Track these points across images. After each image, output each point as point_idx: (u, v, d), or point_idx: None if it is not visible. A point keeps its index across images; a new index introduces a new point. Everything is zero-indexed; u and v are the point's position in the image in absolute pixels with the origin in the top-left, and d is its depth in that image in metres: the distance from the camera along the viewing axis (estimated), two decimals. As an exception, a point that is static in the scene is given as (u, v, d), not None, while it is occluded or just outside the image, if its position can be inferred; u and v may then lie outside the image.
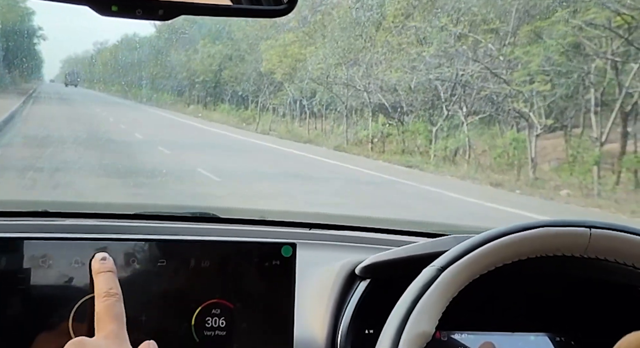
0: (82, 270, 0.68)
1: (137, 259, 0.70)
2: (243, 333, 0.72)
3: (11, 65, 7.30)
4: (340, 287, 0.82)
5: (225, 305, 0.72)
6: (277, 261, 0.74)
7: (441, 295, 0.66)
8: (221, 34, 9.28)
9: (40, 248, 0.69)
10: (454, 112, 7.92)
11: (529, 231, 0.68)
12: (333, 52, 8.43)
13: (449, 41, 7.89)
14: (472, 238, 0.69)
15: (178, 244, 0.72)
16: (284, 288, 0.74)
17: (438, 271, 0.67)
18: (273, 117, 8.91)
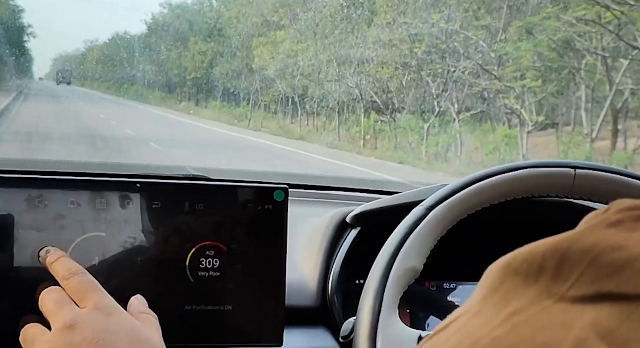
0: (78, 210, 0.69)
1: (132, 201, 0.71)
2: (237, 274, 0.73)
3: (0, 63, 7.26)
4: (331, 234, 0.83)
5: (219, 247, 0.73)
6: (269, 205, 0.75)
7: (430, 232, 0.68)
8: (212, 31, 9.27)
9: (37, 188, 0.69)
10: (446, 108, 7.95)
11: (515, 172, 0.70)
12: (324, 48, 8.45)
13: (440, 38, 7.92)
14: (461, 179, 0.70)
15: (172, 187, 0.73)
16: (276, 232, 0.75)
17: (427, 210, 0.69)
18: (265, 114, 8.92)
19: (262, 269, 0.74)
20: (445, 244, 0.71)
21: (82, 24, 10.01)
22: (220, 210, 0.73)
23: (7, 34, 7.21)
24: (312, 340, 0.79)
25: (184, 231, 0.72)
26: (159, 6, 9.38)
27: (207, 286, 0.73)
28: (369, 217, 0.83)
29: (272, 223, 0.75)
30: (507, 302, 0.30)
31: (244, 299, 0.74)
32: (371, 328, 0.62)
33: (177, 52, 9.25)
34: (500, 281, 0.31)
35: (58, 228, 0.69)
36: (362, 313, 0.63)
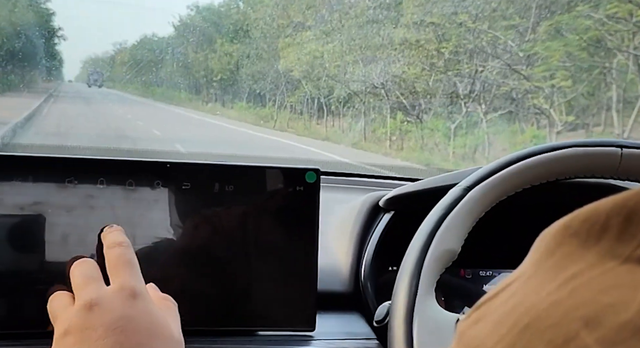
0: (108, 191, 0.68)
1: (161, 182, 0.70)
2: (268, 256, 0.72)
3: (32, 65, 7.38)
4: (364, 218, 0.81)
5: (249, 228, 0.72)
6: (300, 187, 0.73)
7: (467, 213, 0.65)
8: (239, 32, 9.31)
9: (67, 168, 0.69)
10: (473, 109, 7.88)
11: (557, 151, 0.67)
12: (350, 49, 8.43)
13: (467, 38, 7.85)
14: (500, 159, 0.68)
15: (202, 168, 0.72)
16: (308, 214, 0.73)
17: (465, 190, 0.66)
18: (290, 115, 8.93)
19: (293, 253, 0.73)
20: (482, 230, 0.68)
21: (111, 27, 10.12)
22: (250, 192, 0.72)
23: (38, 37, 7.31)
24: (345, 325, 0.77)
25: (213, 213, 0.70)
26: (187, 8, 9.44)
27: (236, 268, 0.71)
28: (403, 201, 0.81)
29: (303, 206, 0.73)
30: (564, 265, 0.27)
31: (275, 282, 0.72)
32: (407, 312, 0.59)
33: (203, 54, 9.31)
34: (556, 244, 0.28)
35: (87, 209, 0.68)
36: (398, 296, 0.61)
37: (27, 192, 0.66)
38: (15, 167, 0.66)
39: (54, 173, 0.67)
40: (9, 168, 0.65)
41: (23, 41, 6.67)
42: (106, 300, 0.53)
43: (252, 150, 6.97)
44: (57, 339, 0.52)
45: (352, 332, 0.75)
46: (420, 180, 0.97)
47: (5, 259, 0.66)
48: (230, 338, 0.70)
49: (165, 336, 0.54)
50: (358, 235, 0.81)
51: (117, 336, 0.50)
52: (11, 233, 0.66)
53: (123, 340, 0.50)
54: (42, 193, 0.66)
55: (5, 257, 0.65)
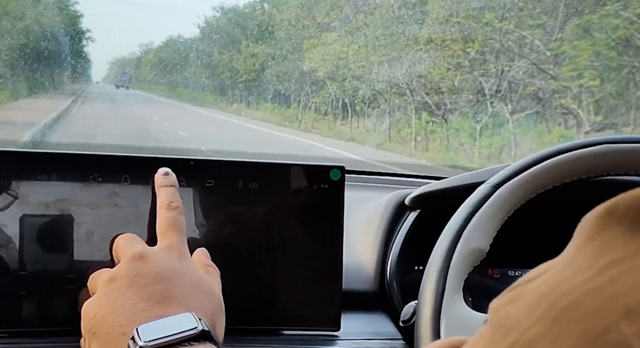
0: (132, 188, 0.68)
1: (185, 179, 0.69)
2: (292, 255, 0.71)
3: (60, 67, 7.48)
4: (389, 217, 0.80)
5: (273, 226, 0.71)
6: (325, 185, 0.72)
7: (496, 211, 0.64)
8: (264, 33, 9.34)
9: (91, 165, 0.69)
10: (499, 109, 7.80)
11: (590, 148, 0.65)
12: (375, 50, 8.41)
13: (494, 37, 7.78)
14: (530, 156, 0.66)
15: (226, 165, 0.71)
16: (333, 212, 0.72)
17: (493, 188, 0.65)
18: (315, 116, 8.93)
19: (318, 251, 0.72)
20: (510, 228, 0.67)
21: (137, 28, 10.24)
22: (274, 190, 0.71)
23: (67, 39, 7.41)
24: (370, 325, 0.76)
25: (238, 211, 0.70)
26: (212, 10, 9.50)
27: (261, 267, 0.70)
28: (429, 199, 0.80)
29: (328, 204, 0.72)
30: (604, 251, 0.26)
31: (300, 282, 0.71)
32: (434, 311, 0.58)
33: (229, 55, 9.36)
34: (597, 229, 0.27)
35: (112, 206, 0.68)
36: (425, 295, 0.60)
37: (51, 189, 0.66)
38: (39, 164, 0.66)
39: (78, 170, 0.67)
40: (33, 165, 0.66)
41: (52, 43, 6.77)
42: (153, 254, 0.54)
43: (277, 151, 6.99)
44: (103, 286, 0.53)
45: (377, 331, 0.74)
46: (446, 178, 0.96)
47: (33, 258, 0.66)
48: (254, 337, 0.69)
49: (209, 294, 0.54)
50: (383, 234, 0.80)
51: (165, 284, 0.51)
52: (39, 232, 0.66)
53: (171, 288, 0.51)
54: (66, 191, 0.66)
55: (33, 255, 0.66)
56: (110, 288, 0.52)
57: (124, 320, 0.49)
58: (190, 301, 0.52)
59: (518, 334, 0.26)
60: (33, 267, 0.66)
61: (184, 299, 0.51)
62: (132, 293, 0.51)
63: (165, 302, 0.50)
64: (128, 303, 0.50)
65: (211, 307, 0.54)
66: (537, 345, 0.25)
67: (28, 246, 0.66)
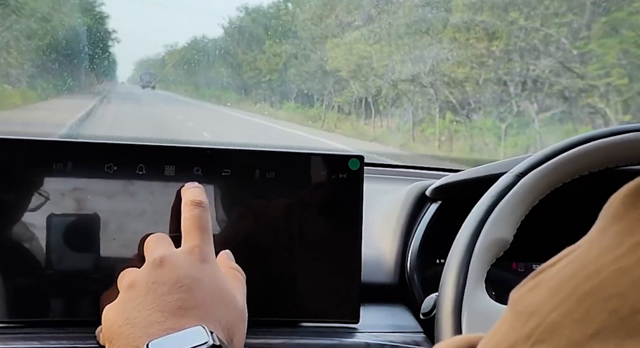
0: (147, 177, 0.67)
1: (201, 168, 0.68)
2: (310, 245, 0.70)
3: (87, 67, 7.55)
4: (410, 208, 0.78)
5: (291, 217, 0.70)
6: (343, 174, 0.71)
7: (520, 201, 0.61)
8: (287, 33, 9.37)
9: (106, 154, 0.68)
10: (524, 108, 7.71)
11: (619, 135, 0.63)
12: (398, 49, 8.37)
13: (519, 35, 7.69)
14: (556, 144, 0.64)
15: (242, 154, 0.70)
16: (351, 203, 0.71)
17: (517, 177, 0.63)
18: (338, 115, 8.92)
19: (336, 242, 0.70)
20: (535, 220, 0.64)
21: (162, 29, 10.32)
22: (291, 179, 0.70)
23: (93, 40, 7.48)
24: (390, 317, 0.74)
25: (254, 200, 0.69)
26: (236, 10, 9.54)
27: (278, 258, 0.69)
28: (451, 190, 0.78)
29: (347, 194, 0.71)
30: (632, 231, 0.25)
31: (318, 273, 0.70)
32: (455, 303, 0.56)
33: (252, 55, 9.39)
34: (625, 209, 0.25)
35: (127, 196, 0.67)
36: (445, 286, 0.58)
37: (65, 178, 0.65)
38: (54, 152, 0.65)
39: (93, 159, 0.66)
40: (48, 153, 0.65)
41: (78, 44, 6.84)
42: (174, 258, 0.53)
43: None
44: (123, 291, 0.53)
45: (397, 324, 0.72)
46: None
47: (59, 257, 0.65)
48: (273, 329, 0.68)
49: (229, 303, 0.53)
50: (404, 226, 0.78)
51: (181, 294, 0.50)
52: (65, 231, 0.65)
53: (187, 298, 0.50)
54: (81, 180, 0.66)
55: (59, 254, 0.65)
56: (129, 295, 0.52)
57: (138, 332, 0.49)
58: (207, 312, 0.51)
59: (540, 318, 0.25)
60: (59, 267, 0.65)
61: (201, 310, 0.51)
62: (149, 302, 0.50)
63: (181, 313, 0.50)
64: (143, 313, 0.49)
65: (230, 318, 0.53)
66: (561, 326, 0.24)
67: (55, 245, 0.65)
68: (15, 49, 6.61)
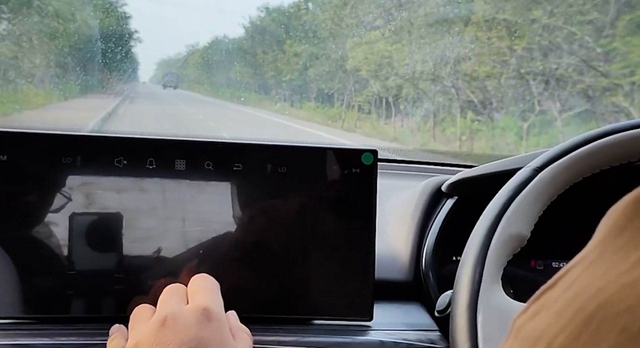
0: (158, 171, 0.67)
1: (212, 163, 0.68)
2: (322, 242, 0.68)
3: (109, 67, 7.62)
4: (425, 204, 0.77)
5: (303, 212, 0.68)
6: (357, 169, 0.70)
7: (538, 196, 0.60)
8: (307, 33, 9.37)
9: (115, 148, 0.67)
10: (547, 107, 7.62)
11: (639, 129, 0.61)
12: (419, 48, 8.32)
13: (542, 34, 7.62)
14: (575, 138, 0.62)
15: (254, 148, 0.69)
16: (365, 198, 0.69)
17: (535, 171, 0.61)
18: (358, 115, 8.90)
19: (349, 237, 0.69)
20: (554, 216, 0.63)
21: (184, 29, 10.38)
22: (304, 174, 0.69)
23: (116, 40, 7.54)
24: (404, 315, 0.73)
25: (266, 195, 0.68)
26: (257, 10, 9.56)
27: (290, 254, 0.68)
28: (467, 185, 0.76)
29: (360, 189, 0.69)
30: (637, 243, 0.23)
31: (331, 269, 0.68)
32: (471, 300, 0.55)
33: (273, 55, 9.41)
34: (627, 220, 0.24)
35: (137, 190, 0.66)
36: (461, 282, 0.56)
37: (75, 172, 0.65)
38: (63, 146, 0.65)
39: (103, 153, 0.65)
40: (57, 147, 0.65)
41: (101, 44, 6.91)
42: (180, 317, 0.52)
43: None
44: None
45: (412, 322, 0.71)
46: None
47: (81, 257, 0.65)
48: (285, 326, 0.67)
49: None
50: (419, 222, 0.76)
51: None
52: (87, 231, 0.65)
53: None
54: (91, 174, 0.65)
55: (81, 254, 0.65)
56: None
57: None
58: None
59: (547, 343, 0.24)
60: (81, 266, 0.65)
61: None
62: None
63: None
64: None
65: None
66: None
67: (77, 245, 0.65)
68: (38, 49, 6.69)
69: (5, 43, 6.82)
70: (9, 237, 0.63)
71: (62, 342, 0.60)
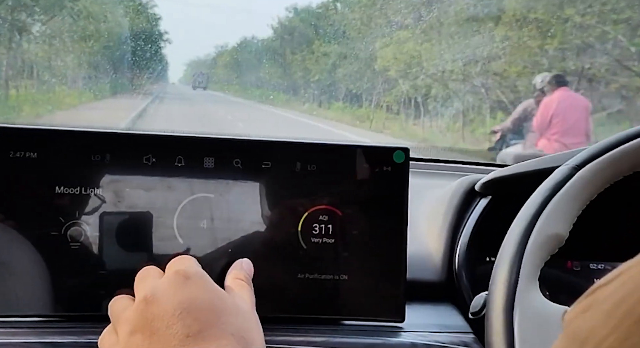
0: (186, 169, 0.66)
1: (241, 161, 0.67)
2: (352, 241, 0.67)
3: (139, 68, 7.71)
4: (458, 203, 0.75)
5: (333, 211, 0.67)
6: (388, 167, 0.68)
7: (576, 195, 0.58)
8: (336, 33, 9.37)
9: (144, 146, 0.67)
10: (579, 107, 7.49)
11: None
12: (449, 48, 8.26)
13: (574, 33, 7.50)
14: (617, 135, 0.60)
15: (283, 146, 0.68)
16: (396, 196, 0.68)
17: (573, 169, 0.59)
18: (387, 115, 8.86)
19: (380, 237, 0.67)
20: (593, 215, 0.60)
21: (213, 30, 10.48)
22: (333, 172, 0.67)
23: (146, 41, 7.64)
24: (437, 316, 0.71)
25: (295, 193, 0.67)
26: (285, 10, 9.59)
27: (320, 253, 0.67)
28: (502, 185, 0.74)
29: (391, 187, 0.68)
30: None
31: (361, 269, 0.67)
32: (507, 302, 0.53)
33: (301, 55, 9.43)
34: None
35: (165, 188, 0.66)
36: (496, 283, 0.55)
37: (104, 170, 0.64)
38: (92, 144, 0.64)
39: (131, 150, 0.65)
40: (86, 145, 0.64)
41: (132, 45, 6.99)
42: (161, 289, 0.51)
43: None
44: (125, 340, 0.50)
45: (445, 324, 0.69)
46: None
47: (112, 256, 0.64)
48: (315, 326, 0.66)
49: (234, 311, 0.51)
50: (451, 221, 0.75)
51: (183, 320, 0.48)
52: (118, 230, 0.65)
53: (191, 323, 0.48)
54: (120, 172, 0.65)
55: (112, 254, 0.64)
56: (136, 343, 0.49)
57: None
58: (216, 328, 0.48)
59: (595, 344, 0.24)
60: (111, 265, 0.64)
61: (209, 329, 0.48)
62: (156, 342, 0.47)
63: (189, 342, 0.47)
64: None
65: (241, 325, 0.50)
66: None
67: (107, 244, 0.65)
68: (71, 50, 6.79)
69: (39, 45, 6.93)
70: (39, 234, 0.63)
71: (91, 340, 0.59)
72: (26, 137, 0.64)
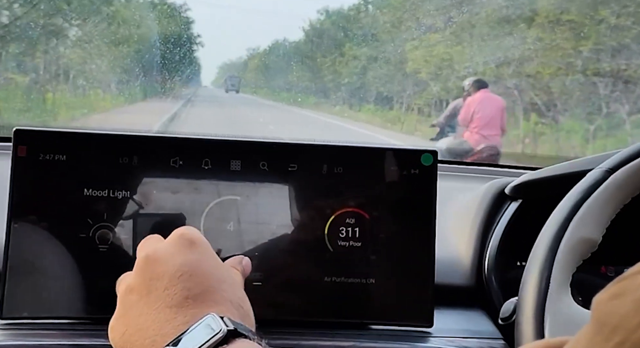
0: (213, 172, 0.66)
1: (267, 163, 0.67)
2: (380, 244, 0.66)
3: (172, 71, 7.78)
4: (488, 207, 0.74)
5: (360, 214, 0.67)
6: (416, 170, 0.67)
7: (609, 199, 0.56)
8: (367, 36, 9.35)
9: (171, 149, 0.67)
10: (615, 109, 7.37)
11: None
12: (480, 50, 8.18)
13: (609, 35, 7.37)
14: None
15: (310, 149, 0.68)
16: (424, 199, 0.67)
17: (607, 172, 0.57)
18: (418, 117, 8.81)
19: (408, 240, 0.67)
20: (627, 219, 0.59)
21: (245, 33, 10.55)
22: (360, 174, 0.67)
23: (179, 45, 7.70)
24: (466, 322, 0.70)
25: (322, 196, 0.66)
26: (317, 13, 9.60)
27: (347, 256, 0.66)
28: (533, 188, 0.72)
29: (419, 190, 0.67)
30: None
31: (389, 273, 0.66)
32: (537, 307, 0.52)
33: (332, 58, 9.43)
34: None
35: (192, 191, 0.66)
36: (527, 289, 0.54)
37: (131, 172, 0.65)
38: (120, 146, 0.65)
39: (159, 153, 0.65)
40: (114, 147, 0.65)
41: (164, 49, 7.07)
42: (164, 250, 0.50)
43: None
44: (122, 299, 0.49)
45: (474, 329, 0.68)
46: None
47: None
48: (342, 330, 0.65)
49: (231, 280, 0.50)
50: (481, 225, 0.73)
51: (184, 283, 0.47)
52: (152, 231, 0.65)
53: (191, 286, 0.47)
54: (147, 174, 0.65)
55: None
56: (130, 301, 0.48)
57: (151, 336, 0.46)
58: (216, 294, 0.47)
59: (625, 334, 0.24)
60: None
61: (209, 294, 0.47)
62: (153, 301, 0.47)
63: (189, 304, 0.46)
64: (152, 315, 0.46)
65: (238, 294, 0.50)
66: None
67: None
68: (106, 55, 6.90)
69: (74, 49, 7.06)
70: (68, 237, 0.64)
71: None
72: (55, 140, 0.64)
